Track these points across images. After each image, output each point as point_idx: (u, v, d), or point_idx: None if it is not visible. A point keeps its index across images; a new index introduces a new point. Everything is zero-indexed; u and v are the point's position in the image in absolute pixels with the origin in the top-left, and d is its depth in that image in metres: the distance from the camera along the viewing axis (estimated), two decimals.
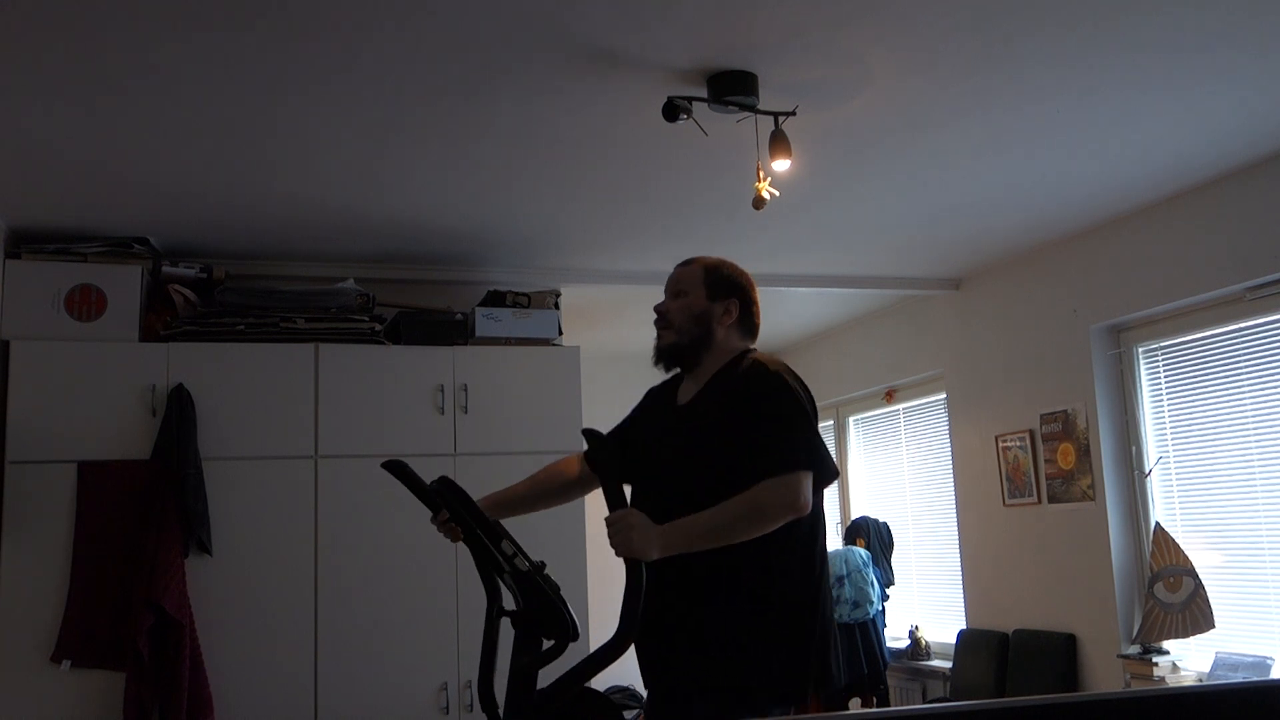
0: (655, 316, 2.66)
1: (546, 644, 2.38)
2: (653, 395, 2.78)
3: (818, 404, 2.61)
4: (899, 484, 6.60)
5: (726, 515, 2.32)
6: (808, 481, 2.36)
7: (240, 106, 3.18)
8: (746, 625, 2.38)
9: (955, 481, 5.82)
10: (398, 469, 2.49)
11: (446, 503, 2.45)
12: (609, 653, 2.23)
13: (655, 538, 2.27)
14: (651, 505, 2.41)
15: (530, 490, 2.78)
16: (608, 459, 2.41)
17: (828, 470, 2.43)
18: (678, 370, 2.70)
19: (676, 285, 2.65)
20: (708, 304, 2.61)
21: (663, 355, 2.64)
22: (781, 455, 2.35)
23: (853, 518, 6.70)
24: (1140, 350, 4.79)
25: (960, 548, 5.75)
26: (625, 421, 2.80)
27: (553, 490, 2.81)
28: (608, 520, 2.29)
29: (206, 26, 2.70)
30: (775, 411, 2.43)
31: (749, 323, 2.67)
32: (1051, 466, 5.06)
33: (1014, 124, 3.56)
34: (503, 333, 4.72)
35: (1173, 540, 4.45)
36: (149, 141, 3.42)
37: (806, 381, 2.59)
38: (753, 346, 2.68)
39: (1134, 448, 4.78)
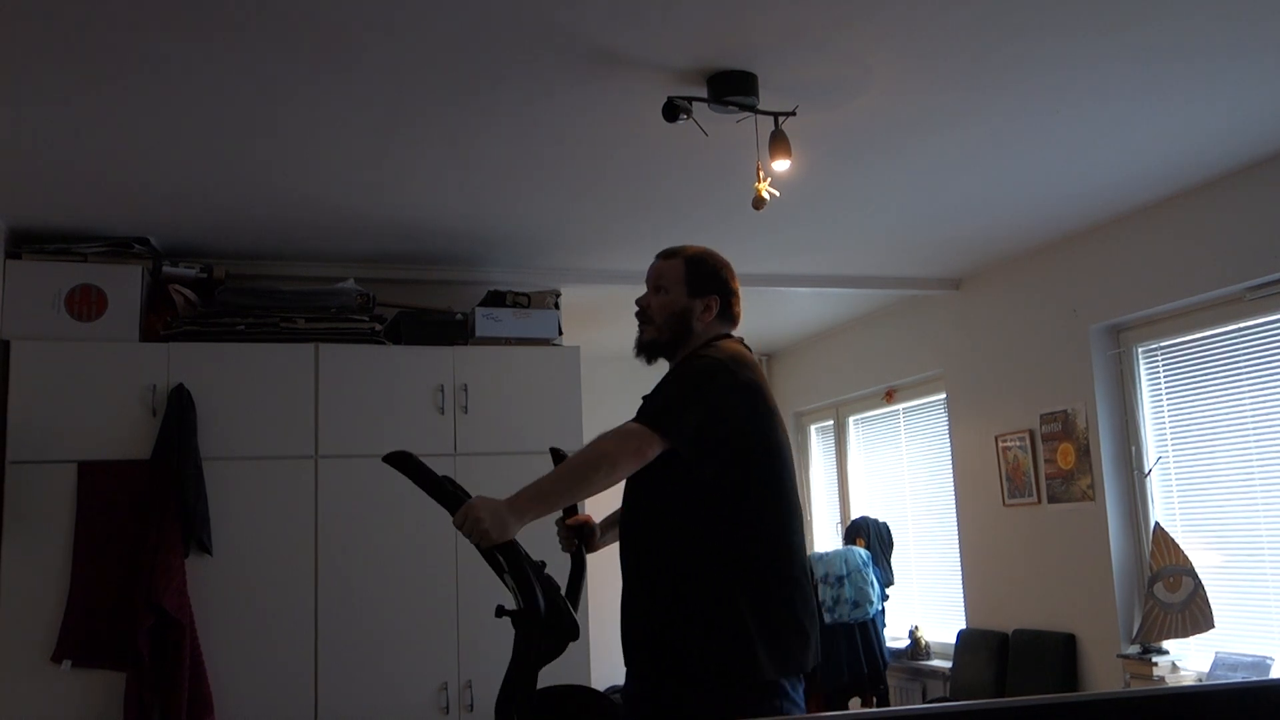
0: (636, 309, 2.66)
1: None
2: None
3: (819, 404, 2.62)
4: (899, 484, 6.60)
5: (569, 466, 2.36)
6: (652, 438, 2.32)
7: (240, 106, 3.18)
8: (681, 611, 2.37)
9: (955, 481, 5.82)
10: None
11: (446, 503, 2.45)
12: (529, 641, 2.22)
13: (506, 514, 2.23)
14: (625, 513, 2.53)
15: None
16: (412, 467, 2.34)
17: (672, 434, 2.35)
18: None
19: (658, 279, 2.64)
20: (688, 301, 2.60)
21: (643, 349, 2.65)
22: (645, 408, 2.39)
23: (853, 518, 6.70)
24: (1140, 350, 4.79)
25: (960, 548, 5.75)
26: None
27: None
28: (455, 523, 2.26)
29: (207, 27, 2.70)
30: (672, 375, 2.48)
31: (729, 314, 2.65)
32: (1051, 466, 5.06)
33: (1014, 124, 3.56)
34: (503, 333, 4.72)
35: (1172, 540, 4.45)
36: (149, 141, 3.42)
37: (807, 381, 2.59)
38: (729, 334, 2.65)
39: (1134, 448, 4.78)
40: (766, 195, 3.28)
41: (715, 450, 2.39)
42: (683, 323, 2.59)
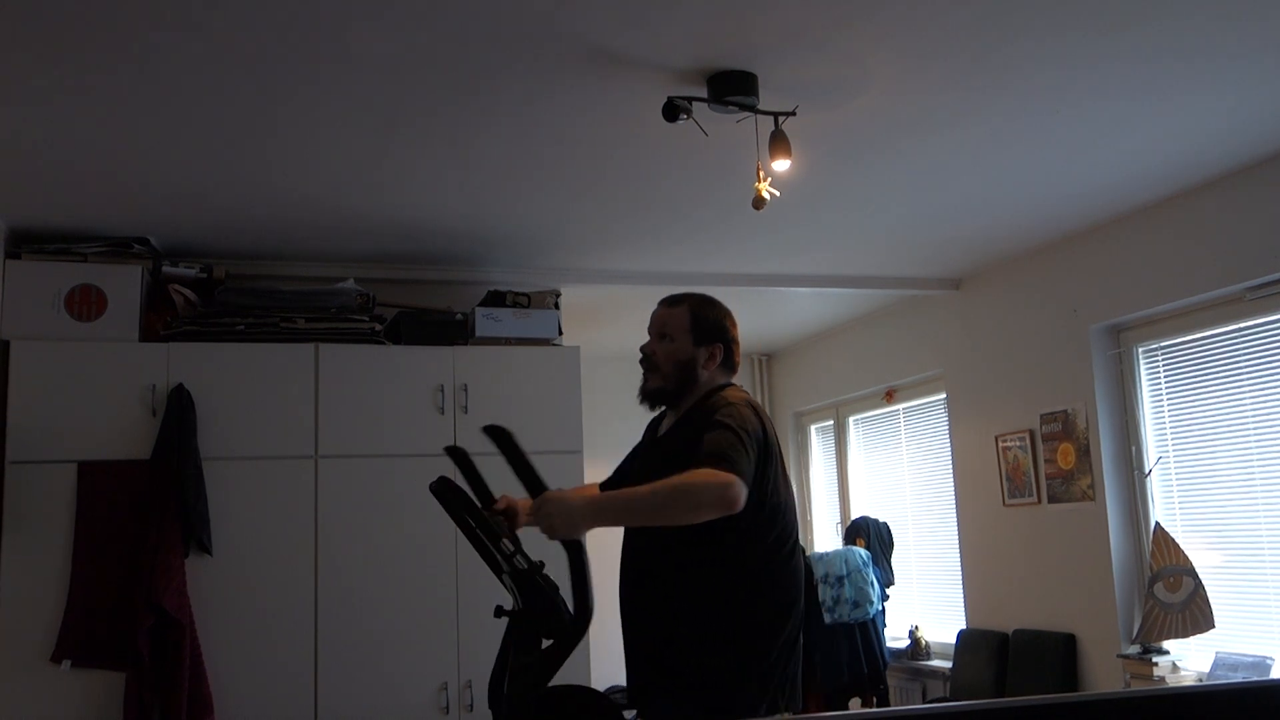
0: (640, 357, 2.70)
1: (546, 643, 2.39)
2: (649, 428, 2.85)
3: (819, 404, 2.66)
4: (899, 484, 6.60)
5: (658, 491, 2.33)
6: (741, 487, 2.32)
7: (240, 107, 3.18)
8: (712, 644, 2.44)
9: (955, 481, 5.82)
10: (460, 456, 2.51)
11: (445, 503, 2.45)
12: (574, 636, 2.26)
13: (579, 511, 2.29)
14: (631, 538, 2.55)
15: None
16: (512, 447, 2.41)
17: (755, 502, 2.38)
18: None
19: (663, 327, 2.67)
20: (693, 350, 2.64)
21: (648, 397, 2.69)
22: (723, 454, 2.35)
23: (853, 518, 6.70)
24: (1140, 350, 4.79)
25: (960, 548, 5.75)
26: (628, 455, 2.87)
27: None
28: (530, 510, 2.33)
29: (207, 27, 2.70)
30: (724, 422, 2.45)
31: (730, 362, 2.71)
32: (1051, 466, 5.06)
33: (1014, 124, 3.56)
34: (503, 333, 4.72)
35: (1172, 540, 4.44)
36: (149, 141, 3.42)
37: (807, 381, 2.62)
38: (732, 382, 2.72)
39: (1134, 448, 4.78)
40: (766, 195, 3.28)
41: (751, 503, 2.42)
42: (688, 371, 2.63)
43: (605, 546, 2.98)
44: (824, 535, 7.37)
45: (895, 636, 6.23)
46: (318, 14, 2.66)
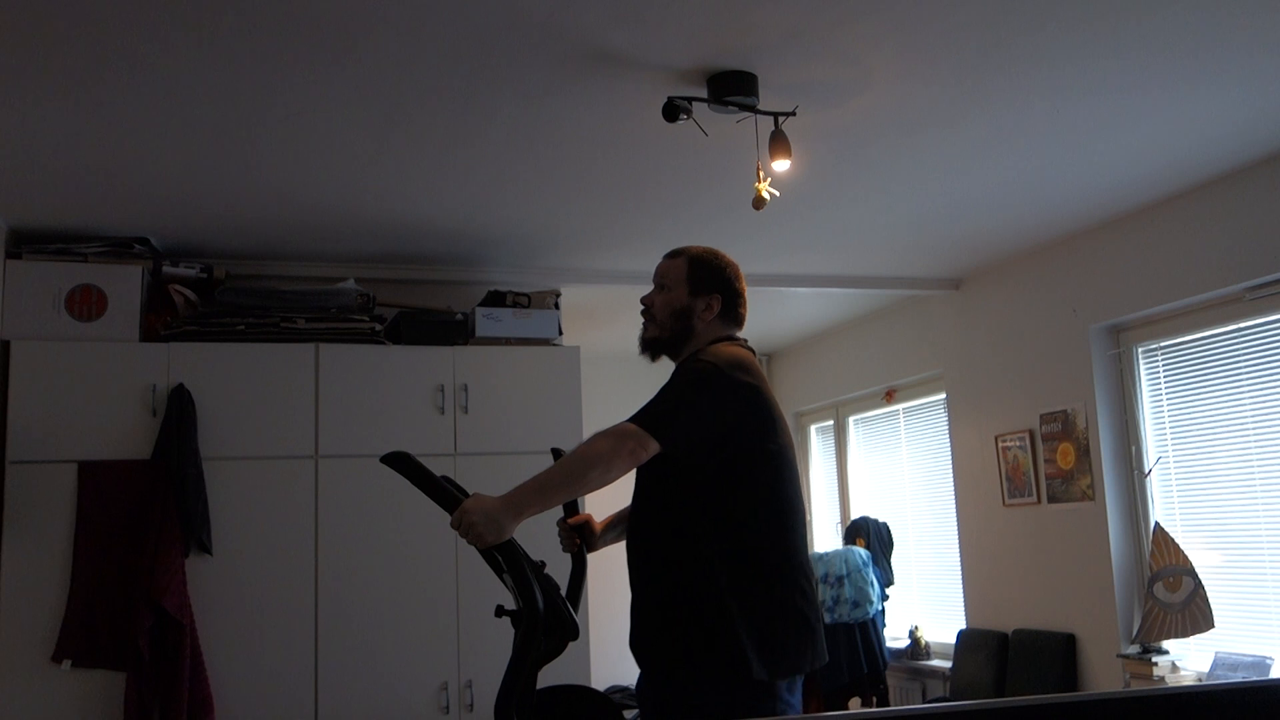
0: (641, 307, 2.70)
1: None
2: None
3: (819, 404, 2.64)
4: (899, 484, 6.60)
5: (563, 464, 2.37)
6: (641, 433, 2.32)
7: (240, 107, 3.18)
8: (673, 609, 2.41)
9: (955, 481, 5.82)
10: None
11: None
12: (529, 642, 2.22)
13: (499, 514, 2.23)
14: (633, 512, 2.56)
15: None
16: (409, 468, 2.32)
17: (665, 436, 2.36)
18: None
19: (661, 278, 2.68)
20: (689, 299, 2.63)
21: (646, 347, 2.69)
22: (642, 409, 2.39)
23: (853, 518, 6.70)
24: (1140, 350, 4.79)
25: (960, 548, 5.75)
26: None
27: None
28: (452, 525, 2.26)
29: (206, 27, 2.70)
30: (672, 377, 2.48)
31: (733, 314, 2.67)
32: (1051, 466, 5.06)
33: (1014, 124, 3.56)
34: (503, 333, 4.72)
35: (1172, 540, 4.45)
36: (149, 141, 3.42)
37: (807, 381, 2.60)
38: (736, 335, 2.68)
39: (1134, 448, 4.78)
40: (766, 195, 3.28)
41: (710, 453, 2.41)
42: (684, 321, 2.62)
43: (604, 559, 2.99)
44: (824, 535, 7.37)
45: (895, 636, 6.23)
46: (318, 14, 2.66)
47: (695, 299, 2.62)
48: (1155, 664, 4.43)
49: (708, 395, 2.43)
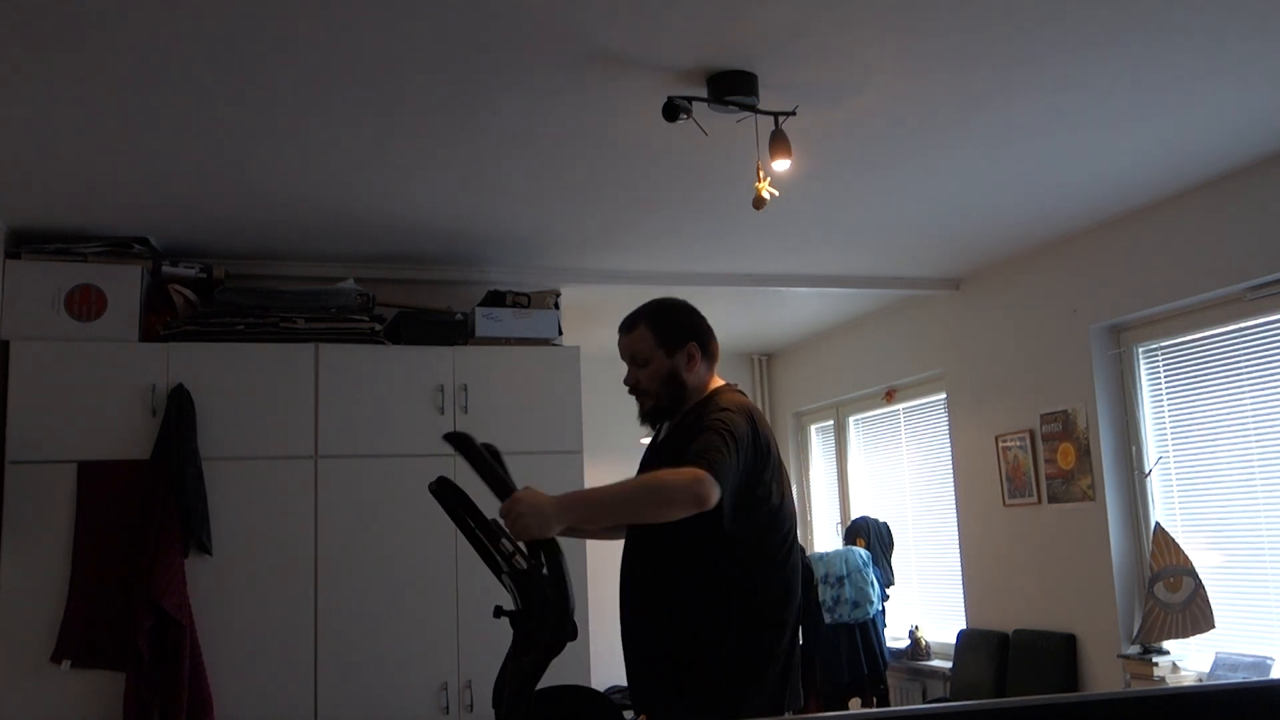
0: (628, 389, 2.70)
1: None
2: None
3: (819, 404, 2.65)
4: (899, 484, 6.60)
5: (628, 487, 2.35)
6: (714, 487, 2.31)
7: (240, 107, 3.18)
8: (710, 645, 2.44)
9: (955, 481, 5.82)
10: (461, 442, 2.40)
11: (445, 503, 2.45)
12: (559, 638, 2.25)
13: (550, 511, 2.27)
14: (630, 546, 2.55)
15: None
16: (473, 453, 2.39)
17: (725, 502, 2.36)
18: None
19: (633, 355, 2.67)
20: (670, 361, 2.63)
21: (649, 419, 2.69)
22: (702, 454, 2.35)
23: (853, 518, 6.70)
24: (1140, 350, 4.79)
25: (960, 548, 5.75)
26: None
27: None
28: (500, 512, 2.31)
29: (206, 26, 2.70)
30: (711, 425, 2.44)
31: (708, 351, 2.69)
32: (1051, 466, 5.06)
33: (1014, 124, 3.56)
34: (503, 333, 4.72)
35: (1173, 540, 4.44)
36: (149, 141, 3.42)
37: (806, 381, 2.61)
38: (731, 384, 2.71)
39: (1134, 448, 4.78)
40: (766, 195, 3.28)
41: (739, 504, 2.43)
42: (675, 382, 2.64)
43: (604, 559, 2.99)
44: (824, 535, 7.37)
45: (895, 636, 6.23)
46: (318, 14, 2.65)
47: (675, 358, 2.63)
48: (1156, 664, 4.43)
49: (754, 459, 2.45)
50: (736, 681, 2.42)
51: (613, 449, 5.21)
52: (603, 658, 4.47)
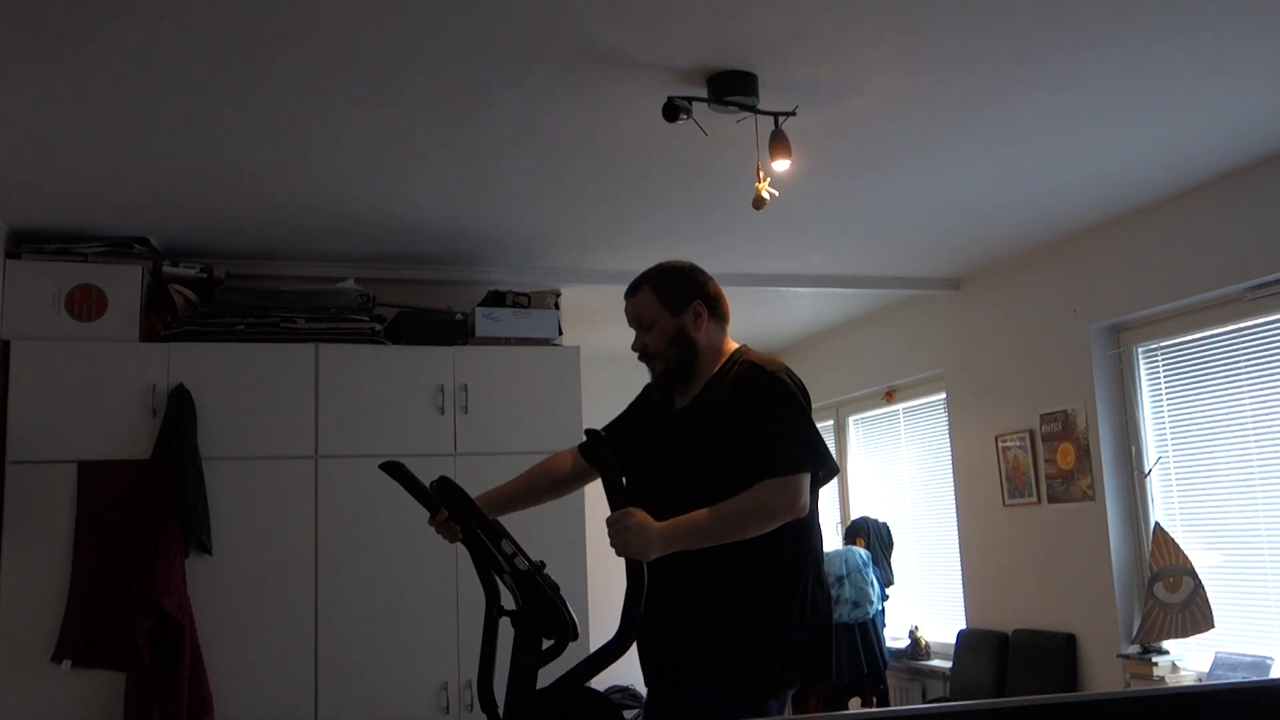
0: (637, 354, 2.67)
1: (546, 644, 2.39)
2: (648, 393, 2.78)
3: (818, 404, 2.64)
4: (899, 484, 6.60)
5: (728, 514, 2.35)
6: (807, 482, 2.41)
7: (240, 107, 3.18)
8: (734, 616, 2.41)
9: (955, 481, 5.82)
10: (395, 470, 2.49)
11: (446, 502, 2.46)
12: (610, 653, 2.24)
13: (655, 537, 2.29)
14: (649, 507, 2.42)
15: (525, 486, 2.79)
16: (609, 459, 2.40)
17: (828, 467, 2.49)
18: None
19: (639, 318, 2.64)
20: (675, 321, 2.60)
21: (663, 383, 2.65)
22: (782, 456, 2.37)
23: (853, 518, 6.71)
24: (1140, 350, 4.79)
25: (960, 548, 5.75)
26: (622, 415, 2.82)
27: (548, 486, 2.81)
28: (608, 520, 2.31)
29: (206, 27, 2.70)
30: (774, 412, 2.43)
31: (718, 310, 2.65)
32: (1051, 466, 5.06)
33: (1014, 124, 3.56)
34: (503, 333, 4.72)
35: (1172, 540, 4.45)
36: (149, 141, 3.42)
37: (807, 381, 2.60)
38: (745, 345, 2.67)
39: (1134, 448, 4.78)
40: (766, 195, 3.28)
41: None
42: (683, 342, 2.59)
43: (604, 558, 2.97)
44: (824, 535, 7.36)
45: (895, 636, 6.23)
46: (318, 14, 2.66)
47: (681, 317, 2.60)
48: (1155, 664, 4.43)
49: (806, 410, 2.48)
50: (761, 651, 2.39)
51: None
52: None
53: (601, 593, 4.62)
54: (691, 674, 2.42)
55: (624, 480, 2.37)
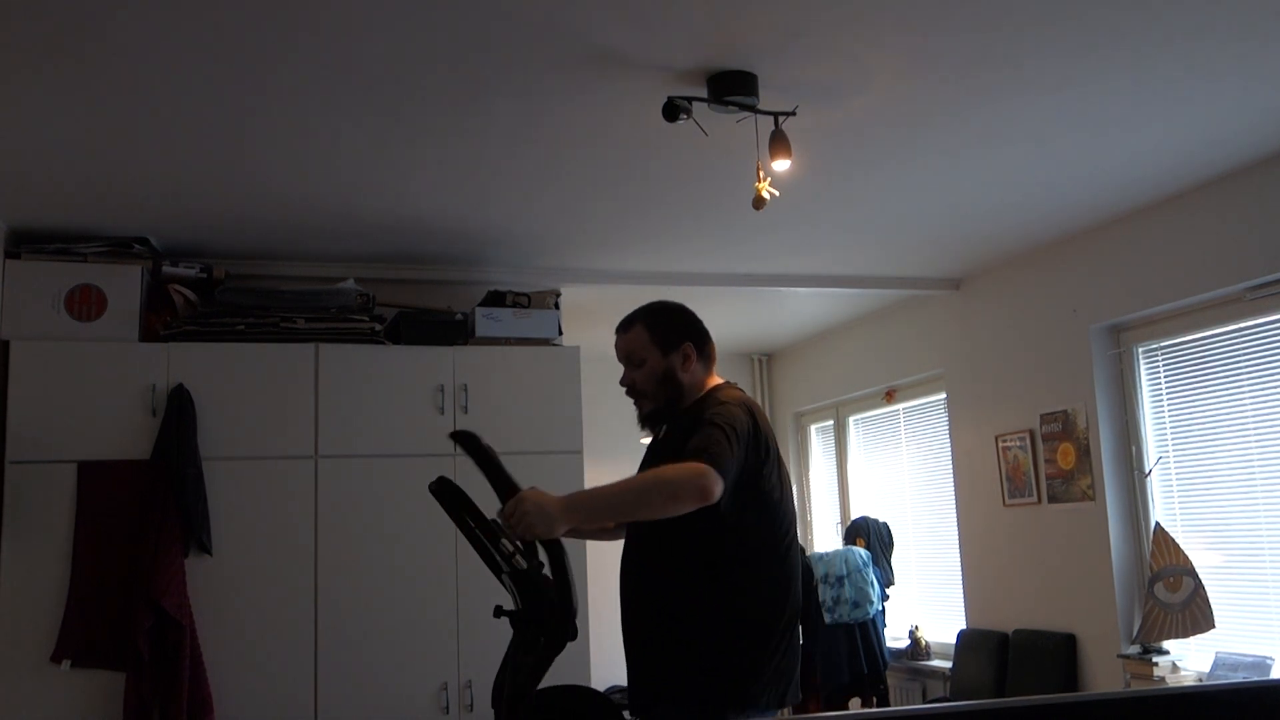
0: (625, 390, 2.72)
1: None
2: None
3: (818, 404, 2.65)
4: (899, 484, 6.60)
5: (632, 485, 2.37)
6: (718, 482, 2.33)
7: (240, 107, 3.18)
8: (706, 634, 2.45)
9: (955, 481, 5.82)
10: (467, 441, 2.43)
11: (445, 502, 2.46)
12: (562, 637, 2.26)
13: (554, 511, 2.29)
14: (630, 543, 2.56)
15: None
16: (477, 451, 2.40)
17: (727, 498, 2.37)
18: None
19: (629, 355, 2.70)
20: (665, 361, 2.66)
21: (647, 421, 2.71)
22: (704, 448, 2.36)
23: (853, 518, 6.70)
24: (1140, 350, 4.79)
25: (960, 548, 5.75)
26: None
27: None
28: (502, 513, 2.32)
29: (206, 27, 2.70)
30: (712, 420, 2.45)
31: (705, 352, 2.72)
32: (1051, 466, 5.06)
33: (1014, 124, 3.56)
34: (503, 333, 4.72)
35: (1172, 540, 4.45)
36: (148, 141, 3.42)
37: (807, 381, 2.61)
38: (729, 381, 2.72)
39: (1134, 448, 4.78)
40: (766, 195, 3.28)
41: (740, 498, 2.45)
42: (671, 382, 2.66)
43: (604, 559, 2.99)
44: (824, 535, 7.37)
45: (895, 636, 6.23)
46: (318, 14, 2.66)
47: (670, 357, 2.65)
48: (1156, 664, 4.43)
49: (755, 453, 2.47)
50: (735, 674, 2.43)
51: (613, 449, 5.21)
52: (603, 657, 4.47)
53: (602, 593, 4.62)
54: (661, 692, 2.47)
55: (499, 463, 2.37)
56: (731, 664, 2.43)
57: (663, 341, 2.66)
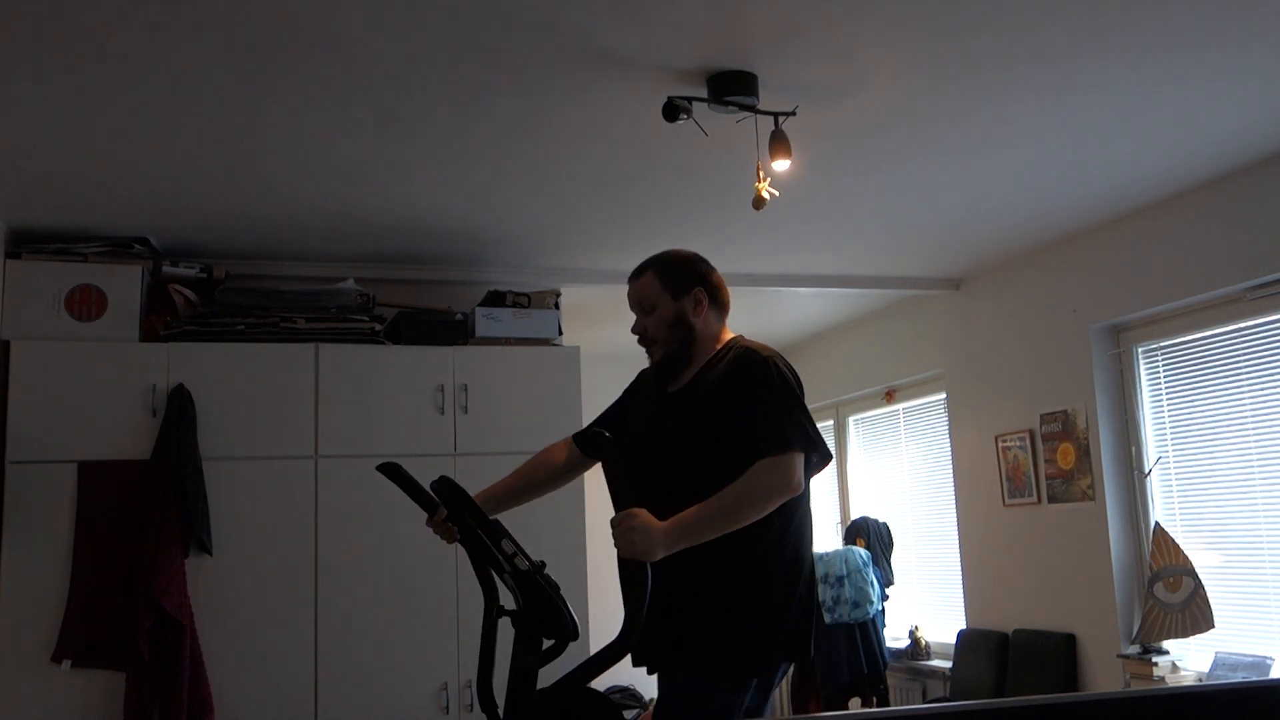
0: (637, 337, 2.69)
1: (546, 644, 2.39)
2: (643, 379, 2.81)
3: (819, 404, 2.66)
4: (899, 484, 6.60)
5: (726, 504, 2.36)
6: (800, 461, 2.42)
7: (240, 107, 3.18)
8: (724, 595, 2.43)
9: (955, 481, 5.82)
10: (392, 471, 2.49)
11: (446, 502, 2.46)
12: (612, 653, 2.24)
13: (659, 537, 2.29)
14: (662, 496, 2.47)
15: (522, 481, 2.80)
16: (613, 459, 2.39)
17: (821, 451, 2.50)
18: None
19: (640, 301, 2.68)
20: (677, 305, 2.64)
21: (661, 369, 2.67)
22: (774, 437, 2.40)
23: (853, 518, 6.70)
24: (1140, 350, 4.79)
25: (960, 548, 5.75)
26: (615, 404, 2.84)
27: (544, 479, 2.82)
28: (612, 521, 2.31)
29: (206, 27, 2.70)
30: (765, 394, 2.47)
31: (718, 299, 2.70)
32: (1051, 466, 5.06)
33: (1014, 124, 3.56)
34: (503, 333, 4.72)
35: (1172, 540, 4.45)
36: (149, 141, 3.42)
37: (806, 381, 2.62)
38: (742, 335, 2.70)
39: (1134, 448, 4.78)
40: (766, 195, 3.28)
41: None
42: (682, 327, 2.63)
43: (603, 558, 2.97)
44: (824, 535, 7.37)
45: (895, 636, 6.23)
46: (318, 14, 2.66)
47: (681, 302, 2.64)
48: (1155, 664, 4.43)
49: (798, 395, 2.51)
50: (749, 630, 2.42)
51: None
52: None
53: (601, 593, 4.62)
54: (679, 652, 2.45)
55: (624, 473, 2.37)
56: (747, 622, 2.42)
57: (674, 286, 2.65)
